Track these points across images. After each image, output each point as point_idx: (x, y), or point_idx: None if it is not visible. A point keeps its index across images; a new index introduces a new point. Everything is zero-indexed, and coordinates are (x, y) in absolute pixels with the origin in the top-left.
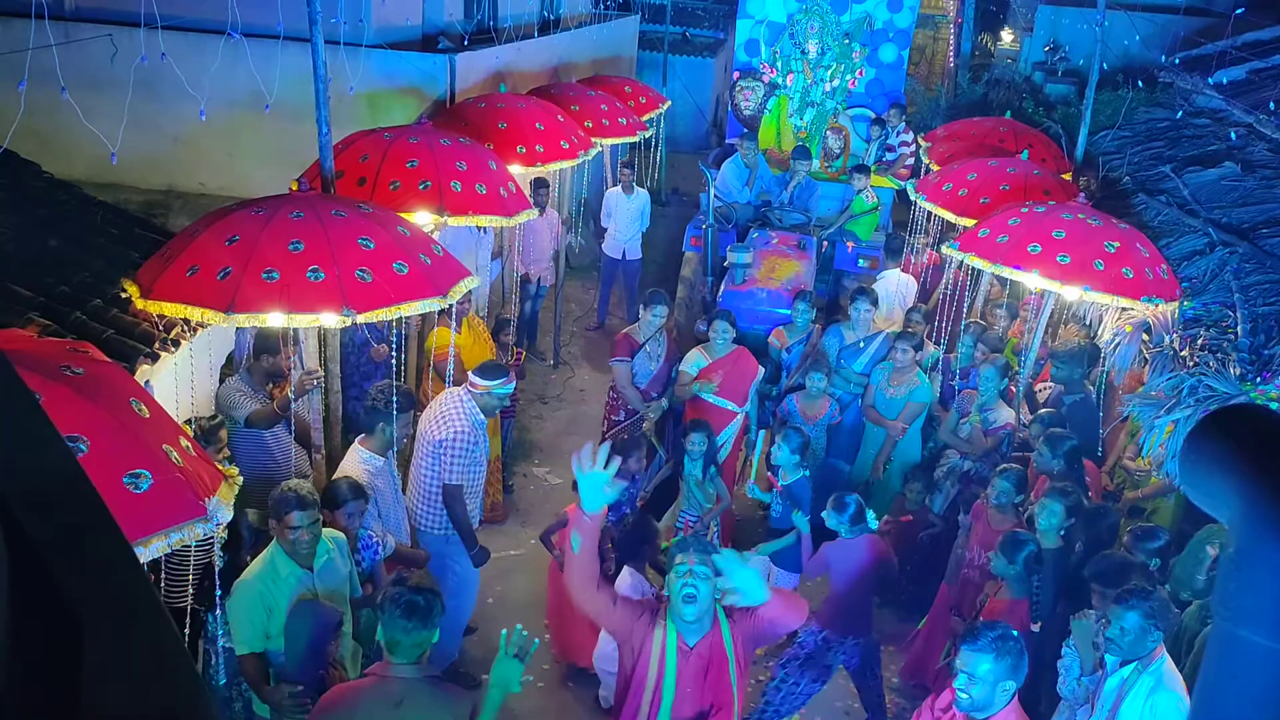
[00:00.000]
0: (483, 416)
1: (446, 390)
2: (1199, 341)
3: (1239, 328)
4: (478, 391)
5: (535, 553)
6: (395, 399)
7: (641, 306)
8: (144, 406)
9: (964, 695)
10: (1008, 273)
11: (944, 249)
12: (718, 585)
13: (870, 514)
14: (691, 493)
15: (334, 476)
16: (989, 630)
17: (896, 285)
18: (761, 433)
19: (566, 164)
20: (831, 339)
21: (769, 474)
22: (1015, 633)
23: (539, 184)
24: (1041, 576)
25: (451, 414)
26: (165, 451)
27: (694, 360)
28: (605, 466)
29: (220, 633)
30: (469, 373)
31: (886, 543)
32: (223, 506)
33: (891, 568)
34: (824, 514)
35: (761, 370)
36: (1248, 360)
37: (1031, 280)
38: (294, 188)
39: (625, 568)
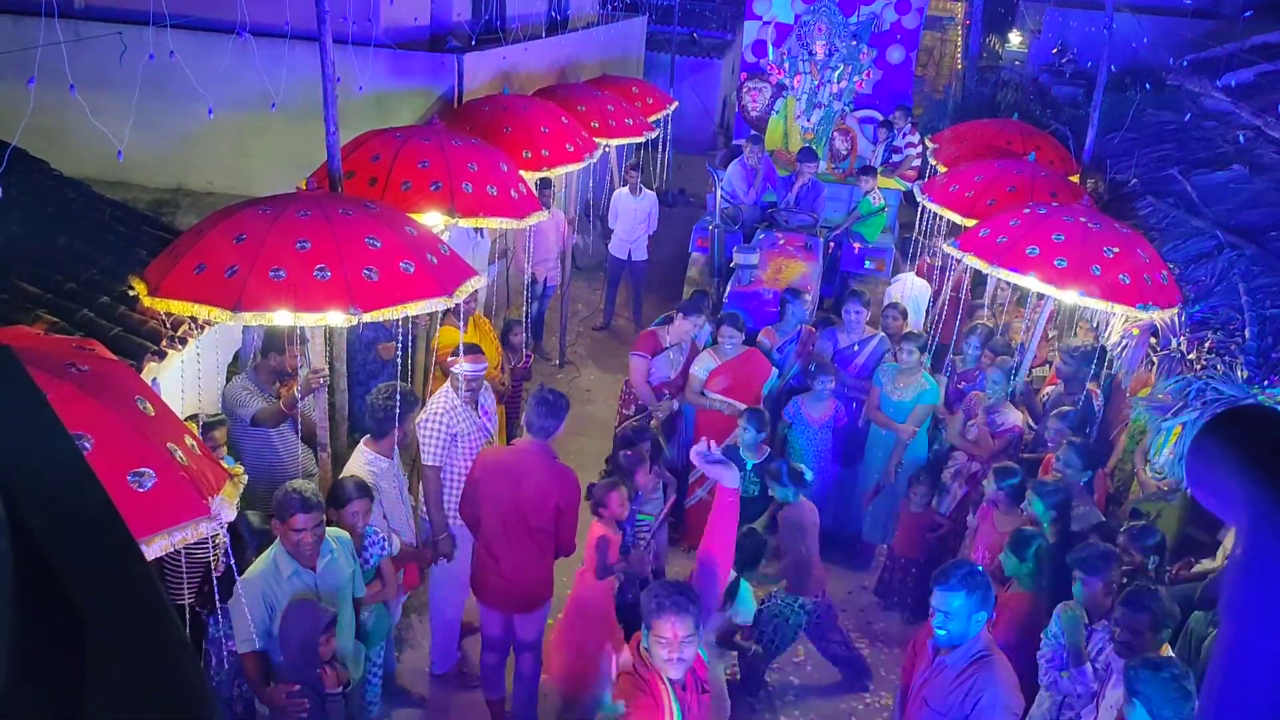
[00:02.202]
0: (457, 400)
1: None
2: (1206, 344)
3: (1247, 330)
4: (454, 372)
5: None
6: (398, 400)
7: (680, 315)
8: (149, 404)
9: (942, 631)
10: (1004, 274)
11: (944, 246)
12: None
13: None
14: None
15: (339, 477)
16: (957, 569)
17: (912, 289)
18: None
19: (572, 167)
20: (825, 342)
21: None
22: (980, 568)
23: (543, 184)
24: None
25: (431, 400)
26: (170, 450)
27: (704, 363)
28: None
29: (223, 634)
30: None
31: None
32: (226, 506)
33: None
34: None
35: (775, 371)
36: (1255, 363)
37: (1028, 283)
38: (302, 187)
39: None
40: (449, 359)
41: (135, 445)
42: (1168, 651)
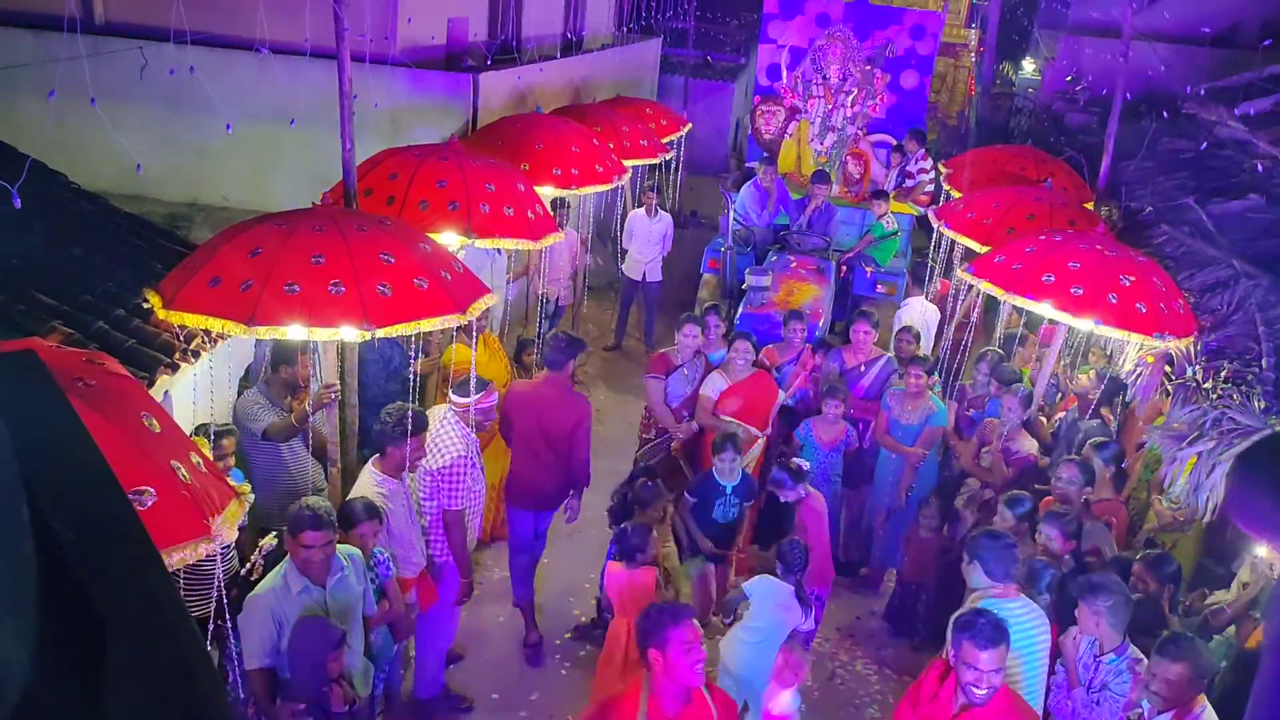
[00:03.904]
0: (474, 436)
1: (439, 417)
2: (1222, 374)
3: (1263, 360)
4: (461, 410)
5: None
6: (404, 421)
7: (677, 329)
8: (155, 421)
9: (984, 690)
10: (1020, 302)
11: (958, 272)
12: None
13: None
14: None
15: (348, 497)
16: (983, 621)
17: (921, 313)
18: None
19: (600, 188)
20: (832, 363)
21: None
22: (998, 612)
23: (559, 204)
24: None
25: (446, 441)
26: (173, 468)
27: (714, 383)
28: None
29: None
30: (449, 393)
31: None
32: (228, 525)
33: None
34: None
35: (782, 394)
36: (1272, 393)
37: (1044, 310)
38: (318, 203)
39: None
40: (451, 399)
41: (137, 463)
42: (1204, 701)
